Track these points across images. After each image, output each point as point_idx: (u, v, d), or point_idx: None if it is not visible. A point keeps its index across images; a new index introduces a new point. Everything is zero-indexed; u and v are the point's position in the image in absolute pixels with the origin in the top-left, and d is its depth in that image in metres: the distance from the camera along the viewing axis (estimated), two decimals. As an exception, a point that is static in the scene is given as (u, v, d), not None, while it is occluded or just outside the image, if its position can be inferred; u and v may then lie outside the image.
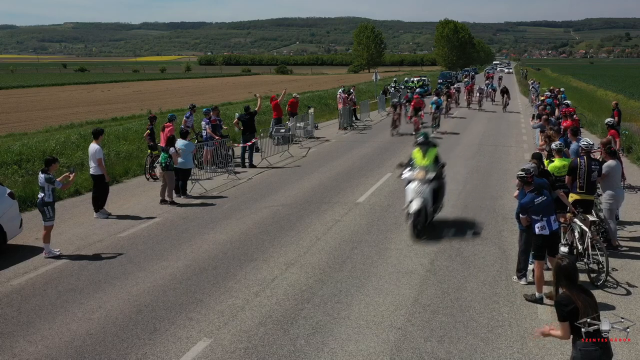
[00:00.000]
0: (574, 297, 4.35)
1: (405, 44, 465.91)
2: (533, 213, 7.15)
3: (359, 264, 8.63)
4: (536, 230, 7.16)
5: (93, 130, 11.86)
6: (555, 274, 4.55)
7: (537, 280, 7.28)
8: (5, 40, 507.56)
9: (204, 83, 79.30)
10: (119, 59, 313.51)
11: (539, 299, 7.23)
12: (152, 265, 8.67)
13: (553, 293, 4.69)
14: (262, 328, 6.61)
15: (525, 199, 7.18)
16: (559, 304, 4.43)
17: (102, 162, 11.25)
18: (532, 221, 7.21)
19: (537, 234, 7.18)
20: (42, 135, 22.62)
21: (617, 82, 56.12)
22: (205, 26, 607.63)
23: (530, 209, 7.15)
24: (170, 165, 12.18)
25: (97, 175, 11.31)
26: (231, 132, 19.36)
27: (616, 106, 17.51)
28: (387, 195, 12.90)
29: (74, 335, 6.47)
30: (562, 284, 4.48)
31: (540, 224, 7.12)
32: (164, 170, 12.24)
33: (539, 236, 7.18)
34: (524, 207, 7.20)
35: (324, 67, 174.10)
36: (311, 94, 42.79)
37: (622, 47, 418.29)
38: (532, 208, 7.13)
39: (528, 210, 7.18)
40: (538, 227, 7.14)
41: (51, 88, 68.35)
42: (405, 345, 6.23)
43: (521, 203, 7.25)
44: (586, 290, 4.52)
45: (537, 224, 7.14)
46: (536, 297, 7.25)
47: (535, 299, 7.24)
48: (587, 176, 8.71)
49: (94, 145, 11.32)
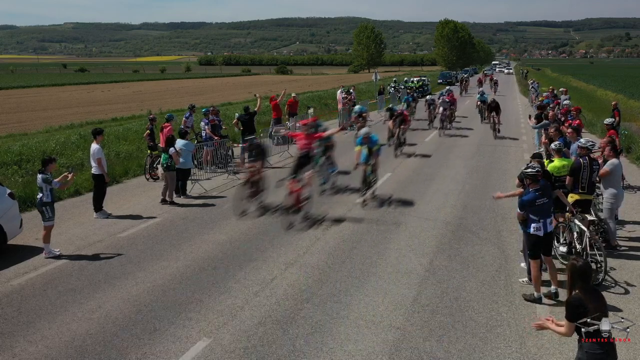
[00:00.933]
0: (587, 300, 4.39)
1: (405, 44, 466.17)
2: (532, 213, 7.15)
3: (358, 264, 8.65)
4: (531, 230, 7.17)
5: (92, 130, 11.90)
6: (570, 274, 4.57)
7: (534, 280, 7.30)
8: (5, 41, 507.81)
9: (204, 83, 79.34)
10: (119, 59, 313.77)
11: (537, 298, 7.25)
12: (151, 265, 8.69)
13: (567, 293, 4.70)
14: (261, 328, 6.63)
15: (528, 196, 7.11)
16: (571, 305, 4.46)
17: (102, 162, 11.26)
18: (528, 220, 7.21)
19: (532, 234, 7.19)
20: (42, 135, 22.64)
21: (617, 82, 56.10)
22: (205, 26, 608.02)
23: (531, 208, 7.14)
24: (172, 165, 12.20)
25: (98, 175, 11.34)
26: (231, 132, 19.38)
27: (616, 106, 17.50)
28: (387, 196, 12.90)
29: (74, 335, 6.49)
30: (578, 285, 4.50)
31: (537, 225, 7.13)
32: (166, 170, 12.26)
33: (533, 235, 7.20)
34: (525, 204, 7.13)
35: (324, 67, 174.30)
36: (311, 94, 42.83)
37: (622, 47, 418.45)
38: (533, 208, 7.12)
39: (528, 208, 7.15)
40: (534, 227, 7.14)
41: (51, 88, 68.41)
42: (404, 345, 6.24)
43: (523, 199, 7.16)
44: (598, 293, 4.57)
45: (533, 224, 7.15)
46: (535, 296, 7.27)
47: (534, 299, 7.26)
48: (589, 176, 8.74)
49: (93, 146, 11.36)
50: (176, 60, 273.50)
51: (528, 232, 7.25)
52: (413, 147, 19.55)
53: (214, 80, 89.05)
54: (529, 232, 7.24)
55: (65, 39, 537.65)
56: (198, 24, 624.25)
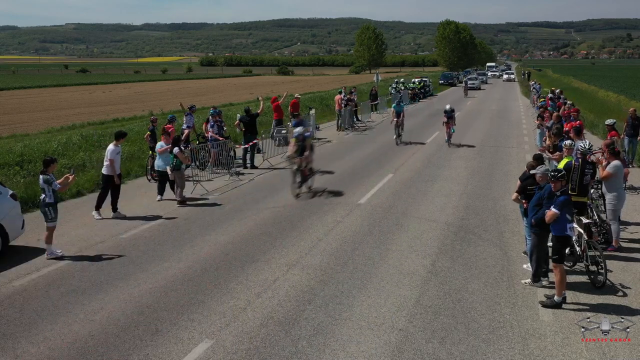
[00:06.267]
0: None
1: (407, 45, 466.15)
2: (569, 213, 7.05)
3: (361, 265, 8.64)
4: (567, 230, 7.05)
5: (115, 133, 12.09)
6: None
7: (558, 283, 7.14)
8: (7, 41, 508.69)
9: (206, 84, 79.36)
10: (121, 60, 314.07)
11: (558, 303, 7.13)
12: (153, 266, 8.69)
13: None
14: (263, 329, 6.62)
15: (564, 197, 7.02)
16: None
17: (114, 163, 11.34)
18: (562, 221, 7.03)
19: (565, 235, 7.05)
20: (43, 136, 22.64)
21: (618, 83, 56.00)
22: (206, 27, 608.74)
23: (568, 208, 7.03)
24: (177, 164, 12.20)
25: (107, 175, 11.38)
26: (232, 134, 19.38)
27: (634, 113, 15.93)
28: (389, 197, 12.90)
29: (76, 337, 6.48)
30: None
31: (571, 225, 7.07)
32: (173, 170, 12.28)
33: (565, 238, 7.07)
34: (564, 203, 6.98)
35: (325, 68, 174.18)
36: (312, 95, 42.82)
37: (624, 47, 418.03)
38: (568, 208, 7.03)
39: (567, 208, 7.01)
40: (569, 227, 7.05)
41: (53, 89, 68.48)
42: (406, 346, 6.23)
43: (561, 199, 6.99)
44: None
45: (568, 225, 7.04)
46: (556, 301, 7.15)
47: (556, 304, 7.12)
48: (580, 178, 8.76)
49: (110, 146, 11.52)
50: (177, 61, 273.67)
51: (559, 234, 7.08)
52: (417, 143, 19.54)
53: (215, 81, 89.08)
54: (561, 234, 7.06)
55: (67, 39, 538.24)
56: (199, 25, 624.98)
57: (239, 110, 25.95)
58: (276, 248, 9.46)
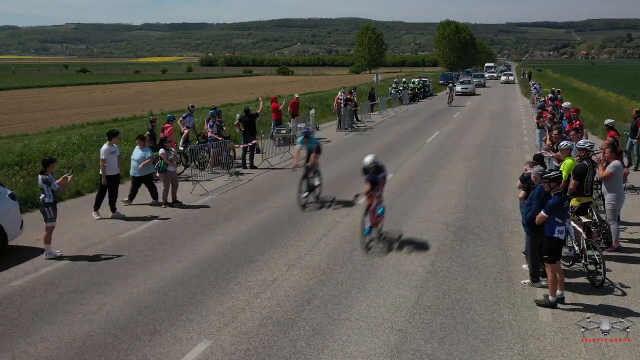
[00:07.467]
0: None
1: (407, 45, 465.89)
2: (558, 216, 7.04)
3: (360, 266, 8.63)
4: (555, 233, 7.04)
5: (108, 132, 11.97)
6: None
7: (552, 283, 7.16)
8: (7, 41, 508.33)
9: (206, 84, 79.38)
10: (121, 60, 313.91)
11: (553, 302, 7.13)
12: (152, 266, 8.68)
13: None
14: (262, 329, 6.61)
15: (555, 199, 7.02)
16: None
17: (104, 164, 11.27)
18: (552, 223, 7.04)
19: (554, 237, 7.05)
20: (43, 136, 22.63)
21: (618, 83, 55.99)
22: (206, 27, 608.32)
23: (558, 211, 7.02)
24: (162, 166, 12.10)
25: (112, 175, 11.34)
26: (232, 134, 19.37)
27: (637, 114, 15.66)
28: (388, 196, 12.84)
29: (74, 337, 6.47)
30: None
31: (561, 227, 7.05)
32: (159, 172, 12.27)
33: (555, 239, 7.06)
34: (554, 207, 6.98)
35: (325, 68, 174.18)
36: (312, 95, 42.81)
37: (624, 48, 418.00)
38: (559, 211, 7.02)
39: (556, 211, 7.02)
40: (558, 230, 7.04)
41: (52, 89, 68.50)
42: (405, 346, 6.22)
43: (550, 203, 7.00)
44: None
45: (557, 227, 7.03)
46: (550, 300, 7.15)
47: (550, 303, 7.13)
48: (592, 178, 8.78)
49: (103, 146, 11.47)
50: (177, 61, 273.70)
51: (549, 235, 7.08)
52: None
53: (215, 81, 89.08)
54: (551, 235, 7.07)
55: (67, 39, 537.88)
56: (199, 25, 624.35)
57: (238, 110, 25.94)
58: (275, 248, 9.45)
